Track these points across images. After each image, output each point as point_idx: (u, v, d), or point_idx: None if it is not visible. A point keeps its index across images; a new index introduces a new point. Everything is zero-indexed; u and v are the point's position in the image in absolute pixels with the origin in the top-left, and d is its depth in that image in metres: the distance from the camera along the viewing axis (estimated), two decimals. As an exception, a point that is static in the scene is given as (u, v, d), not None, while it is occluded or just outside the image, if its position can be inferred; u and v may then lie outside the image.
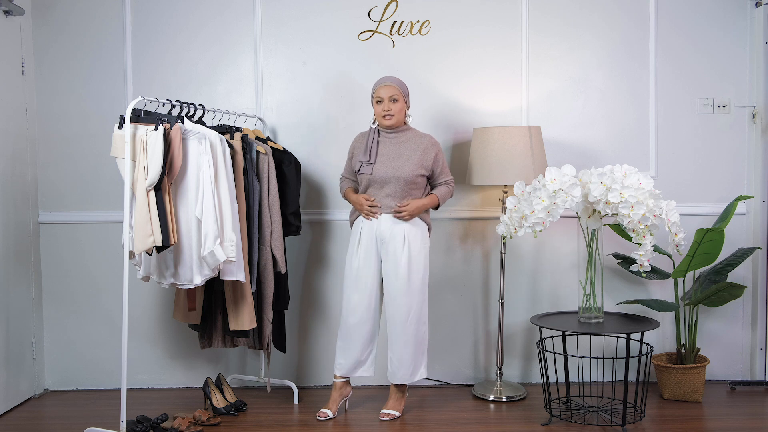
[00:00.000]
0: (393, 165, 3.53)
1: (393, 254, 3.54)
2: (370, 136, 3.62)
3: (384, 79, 3.59)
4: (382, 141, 3.60)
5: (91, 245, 4.15)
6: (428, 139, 3.62)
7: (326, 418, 3.64)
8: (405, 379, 3.63)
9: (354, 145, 3.70)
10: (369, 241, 3.58)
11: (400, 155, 3.55)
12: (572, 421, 3.54)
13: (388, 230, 3.54)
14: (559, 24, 4.10)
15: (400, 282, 3.53)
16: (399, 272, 3.53)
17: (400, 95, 3.55)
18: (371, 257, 3.59)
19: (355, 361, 3.65)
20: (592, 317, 3.58)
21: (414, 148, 3.57)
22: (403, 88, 3.59)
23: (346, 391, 3.72)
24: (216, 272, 3.28)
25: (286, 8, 4.10)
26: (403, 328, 3.56)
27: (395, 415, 3.62)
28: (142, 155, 3.10)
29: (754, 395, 3.96)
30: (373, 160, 3.56)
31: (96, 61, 4.12)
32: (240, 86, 4.13)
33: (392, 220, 3.55)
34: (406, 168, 3.52)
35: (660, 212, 3.37)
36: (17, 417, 3.78)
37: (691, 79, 4.12)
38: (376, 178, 3.53)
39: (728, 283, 3.73)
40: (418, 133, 3.64)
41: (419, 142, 3.59)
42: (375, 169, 3.54)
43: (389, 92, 3.53)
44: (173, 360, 4.19)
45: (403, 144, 3.58)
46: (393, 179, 3.52)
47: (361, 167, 3.58)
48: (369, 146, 3.59)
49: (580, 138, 4.12)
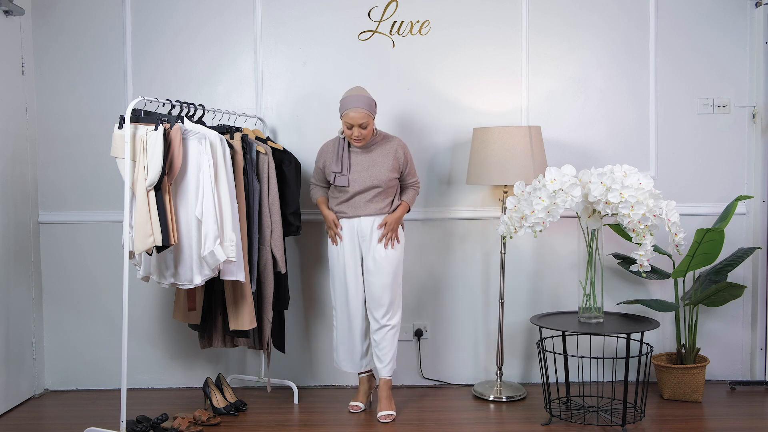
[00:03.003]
0: (369, 174, 3.59)
1: (372, 250, 3.62)
2: (340, 146, 3.64)
3: (353, 100, 3.50)
4: (353, 152, 3.64)
5: (91, 245, 4.15)
6: (396, 141, 3.67)
7: (359, 411, 3.74)
8: (391, 371, 3.69)
9: (323, 155, 3.71)
10: (351, 239, 3.65)
11: (374, 163, 3.60)
12: (572, 421, 3.54)
13: (368, 228, 3.62)
14: (559, 24, 4.10)
15: (380, 277, 3.60)
16: (378, 267, 3.61)
17: (369, 118, 3.52)
18: (356, 254, 3.66)
19: (361, 354, 3.74)
20: (592, 317, 3.58)
21: (385, 152, 3.62)
22: (372, 110, 3.54)
23: (373, 382, 3.84)
24: (216, 272, 3.28)
25: (286, 8, 4.10)
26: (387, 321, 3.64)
27: (393, 415, 3.63)
28: (142, 155, 3.10)
29: (754, 395, 3.96)
30: (345, 171, 3.60)
31: (96, 61, 4.12)
32: (240, 86, 4.13)
33: (371, 220, 3.62)
34: (382, 175, 3.59)
35: (660, 212, 3.37)
36: (17, 417, 3.78)
37: (691, 79, 4.12)
38: (355, 189, 3.60)
39: (728, 283, 3.73)
40: (385, 136, 3.68)
41: (389, 146, 3.64)
42: (351, 180, 3.59)
43: (359, 120, 3.49)
44: (173, 360, 4.19)
45: (374, 150, 3.63)
46: (371, 187, 3.59)
47: (335, 178, 3.61)
48: (341, 156, 3.62)
49: (580, 138, 4.12)
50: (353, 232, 3.65)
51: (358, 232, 3.64)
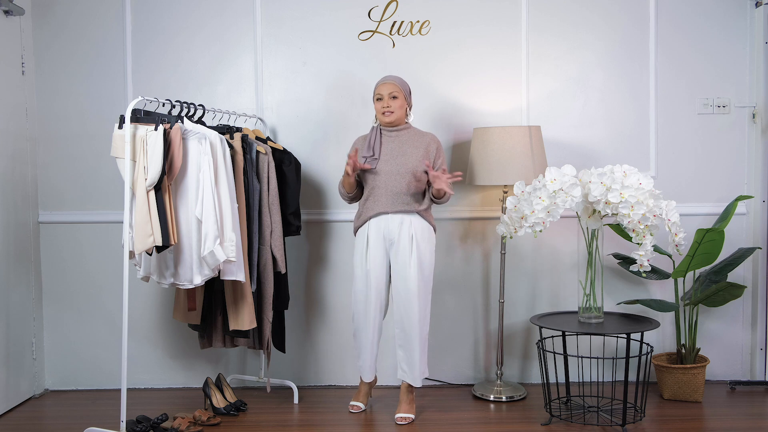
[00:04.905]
0: (397, 161, 3.54)
1: (402, 255, 3.53)
2: (372, 134, 3.63)
3: (385, 78, 3.62)
4: (385, 139, 3.61)
5: (91, 245, 4.15)
6: (430, 136, 3.63)
7: (359, 411, 3.72)
8: (419, 380, 3.62)
9: (354, 147, 3.68)
10: (377, 243, 3.57)
11: (403, 152, 3.56)
12: (572, 421, 3.54)
13: (396, 231, 3.54)
14: (559, 24, 4.10)
15: (412, 284, 3.52)
16: (410, 274, 3.52)
17: (400, 92, 3.56)
18: (382, 258, 3.58)
19: (373, 361, 3.70)
20: (592, 317, 3.58)
21: (417, 145, 3.58)
22: (404, 87, 3.60)
23: (373, 382, 3.80)
24: (216, 272, 3.28)
25: (286, 8, 4.10)
26: (416, 329, 3.56)
27: (411, 418, 3.61)
28: (142, 155, 3.10)
29: (754, 395, 3.96)
30: (377, 155, 3.56)
31: (96, 61, 4.12)
32: (240, 86, 4.13)
33: (400, 220, 3.54)
34: (410, 164, 3.53)
35: (660, 212, 3.37)
36: (17, 417, 3.78)
37: (691, 79, 4.12)
38: (381, 173, 3.53)
39: (728, 283, 3.73)
40: (419, 131, 3.65)
41: (421, 140, 3.60)
42: (380, 166, 3.55)
43: (389, 89, 3.55)
44: (173, 360, 4.19)
45: (405, 142, 3.59)
46: (397, 175, 3.52)
47: (365, 162, 3.57)
48: (372, 143, 3.60)
49: (580, 138, 4.12)
50: (380, 235, 3.56)
51: (385, 235, 3.57)
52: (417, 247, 3.52)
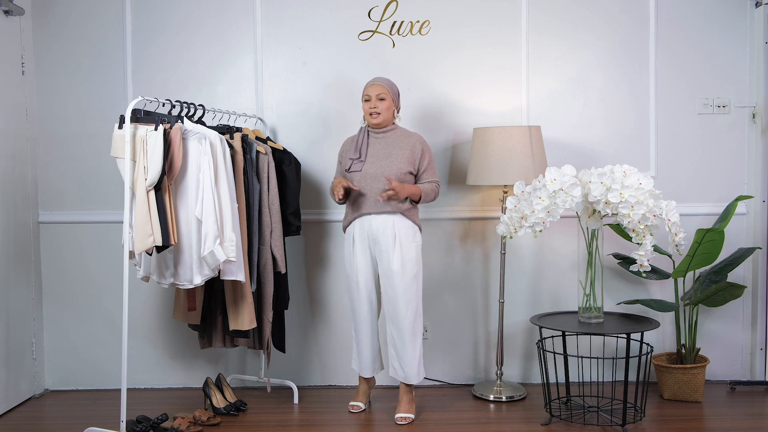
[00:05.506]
0: (382, 164, 3.56)
1: (386, 255, 3.55)
2: (359, 135, 3.65)
3: (373, 79, 3.64)
4: (372, 141, 3.63)
5: (91, 245, 4.15)
6: (416, 137, 3.65)
7: (359, 411, 3.73)
8: (416, 378, 3.62)
9: (343, 149, 3.72)
10: (362, 242, 3.60)
11: (389, 154, 3.58)
12: (572, 421, 3.54)
13: (379, 229, 3.56)
14: (559, 24, 4.10)
15: (397, 282, 3.54)
16: (394, 273, 3.53)
17: (388, 94, 3.57)
18: (367, 258, 3.61)
19: (372, 358, 3.71)
20: (592, 317, 3.58)
21: (403, 146, 3.59)
22: (393, 89, 3.61)
23: (372, 382, 3.82)
24: (216, 272, 3.28)
25: (286, 8, 4.10)
26: (407, 327, 3.57)
27: (411, 418, 3.61)
28: (142, 155, 3.10)
29: (754, 395, 3.96)
30: (363, 158, 3.59)
31: (96, 61, 4.12)
32: (240, 86, 4.13)
33: (383, 219, 3.56)
34: (395, 166, 3.55)
35: (660, 212, 3.37)
36: (17, 417, 3.78)
37: (691, 79, 4.12)
38: (367, 176, 3.55)
39: (728, 283, 3.73)
40: (406, 132, 3.66)
41: (408, 141, 3.61)
42: (365, 168, 3.57)
43: (377, 91, 3.57)
44: (173, 360, 4.19)
45: (391, 144, 3.60)
46: (382, 177, 3.53)
47: (351, 165, 3.59)
48: (359, 145, 3.62)
49: (580, 138, 4.12)
50: (364, 234, 3.59)
51: (368, 234, 3.59)
52: (401, 247, 3.54)
